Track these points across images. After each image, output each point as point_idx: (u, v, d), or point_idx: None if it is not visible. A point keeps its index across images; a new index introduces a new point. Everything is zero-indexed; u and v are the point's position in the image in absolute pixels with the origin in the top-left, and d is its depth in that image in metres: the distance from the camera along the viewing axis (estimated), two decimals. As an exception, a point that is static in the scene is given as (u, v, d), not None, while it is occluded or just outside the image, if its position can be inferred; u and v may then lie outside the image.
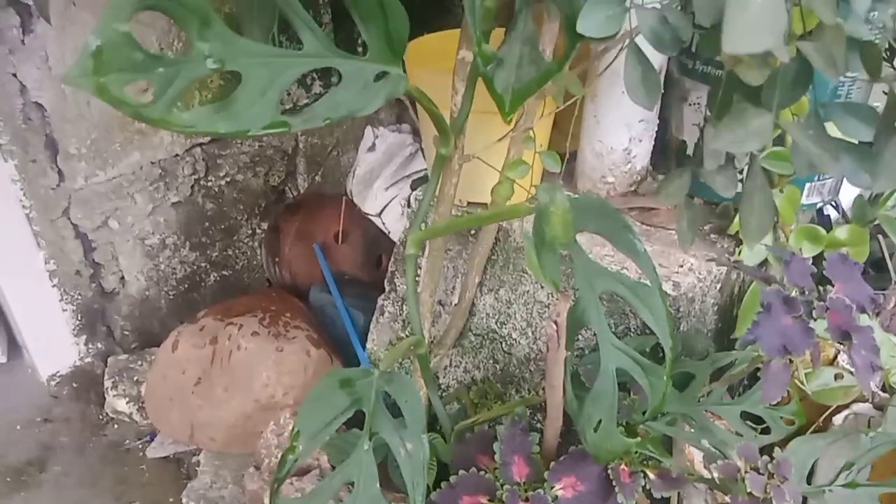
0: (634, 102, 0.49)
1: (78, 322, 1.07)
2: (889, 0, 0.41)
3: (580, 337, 0.82)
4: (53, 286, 1.03)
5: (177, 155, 1.07)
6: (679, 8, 0.47)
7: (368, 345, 1.01)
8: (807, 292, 0.59)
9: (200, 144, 1.10)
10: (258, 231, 1.25)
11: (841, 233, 0.79)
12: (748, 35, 0.26)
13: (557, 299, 0.62)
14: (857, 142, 0.42)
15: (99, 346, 1.11)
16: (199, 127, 0.44)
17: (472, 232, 0.88)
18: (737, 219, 0.82)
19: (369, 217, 1.15)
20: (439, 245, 0.81)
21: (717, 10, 0.40)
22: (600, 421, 0.58)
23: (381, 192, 1.14)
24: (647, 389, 0.59)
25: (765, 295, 0.58)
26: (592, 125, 0.84)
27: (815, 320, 0.59)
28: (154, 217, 1.09)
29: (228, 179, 1.16)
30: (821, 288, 0.61)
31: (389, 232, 1.14)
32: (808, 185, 0.80)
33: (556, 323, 0.62)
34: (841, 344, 0.58)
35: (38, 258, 1.00)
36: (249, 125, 0.46)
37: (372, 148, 1.17)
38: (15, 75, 0.90)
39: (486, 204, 0.81)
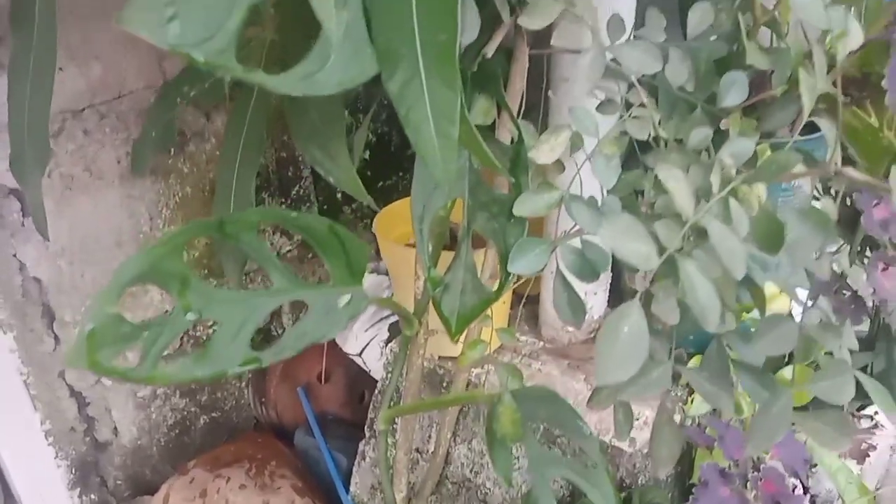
0: (562, 321, 0.56)
1: (72, 476, 1.12)
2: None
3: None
4: (49, 444, 1.08)
5: (166, 311, 1.13)
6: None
7: (352, 488, 1.06)
8: (740, 465, 0.65)
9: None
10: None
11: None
12: (617, 367, 0.33)
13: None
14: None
15: (93, 496, 1.15)
16: (180, 377, 0.50)
17: (444, 385, 0.94)
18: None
19: (350, 356, 1.21)
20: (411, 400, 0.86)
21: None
22: None
23: (361, 332, 1.21)
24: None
25: (702, 471, 0.64)
26: (549, 279, 0.91)
27: (752, 491, 0.65)
28: (145, 369, 1.14)
29: (216, 326, 1.22)
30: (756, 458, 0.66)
31: (370, 371, 1.19)
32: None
33: None
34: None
35: (35, 420, 1.05)
36: (225, 367, 0.52)
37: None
38: (15, 255, 0.97)
39: (455, 357, 0.87)
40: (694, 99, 0.65)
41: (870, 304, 0.66)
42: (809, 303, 0.50)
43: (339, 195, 1.32)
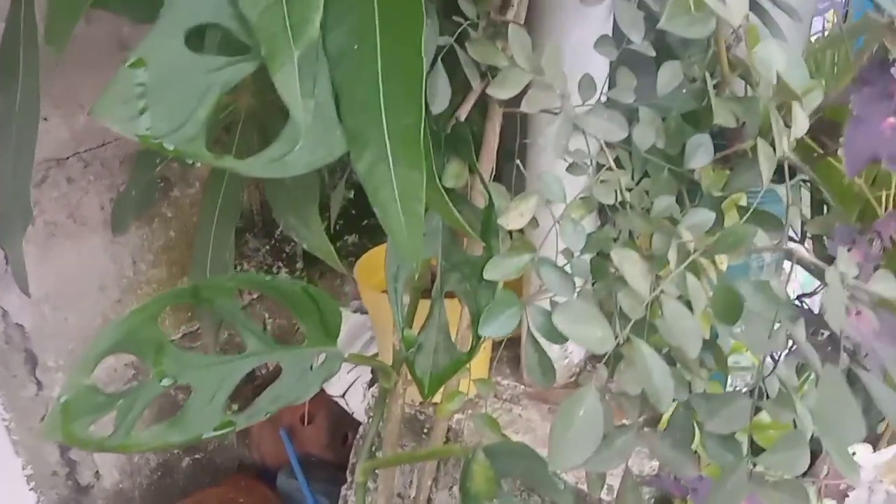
0: (533, 381, 0.57)
1: (54, 520, 1.11)
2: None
3: None
4: (31, 489, 1.07)
5: (140, 379, 1.14)
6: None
7: (335, 532, 1.06)
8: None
9: (171, 341, 1.17)
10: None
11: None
12: (572, 453, 0.34)
13: None
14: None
15: (74, 540, 1.14)
16: (155, 444, 0.51)
17: (425, 430, 0.94)
18: (665, 416, 0.89)
19: (333, 398, 1.21)
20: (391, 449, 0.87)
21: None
22: None
23: (344, 373, 1.21)
24: None
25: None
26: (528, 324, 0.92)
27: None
28: (128, 412, 1.14)
29: (200, 367, 1.22)
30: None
31: (353, 412, 1.20)
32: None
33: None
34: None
35: (16, 464, 1.05)
36: (200, 430, 0.53)
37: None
38: (-3, 302, 0.97)
39: (436, 403, 0.88)
40: (665, 155, 0.67)
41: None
42: (769, 368, 0.51)
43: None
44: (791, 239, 1.06)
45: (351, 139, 0.45)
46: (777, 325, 0.52)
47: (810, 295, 1.11)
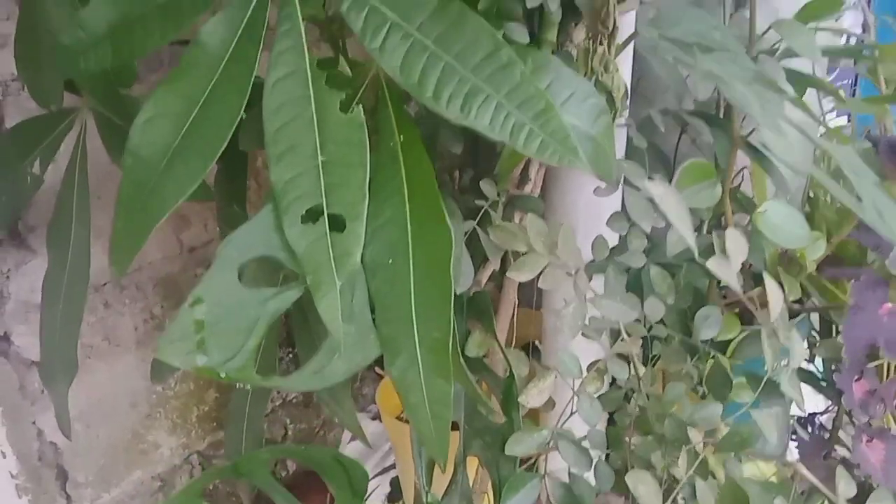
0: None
1: None
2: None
3: None
4: None
5: (175, 465, 1.17)
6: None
7: None
8: None
9: (198, 451, 1.20)
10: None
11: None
12: None
13: None
14: None
15: None
16: None
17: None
18: None
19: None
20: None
21: None
22: None
23: (364, 482, 1.23)
24: None
25: None
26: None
27: None
28: (152, 521, 1.17)
29: (223, 474, 1.25)
30: None
31: (372, 521, 1.21)
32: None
33: None
34: None
35: (43, 579, 1.07)
36: None
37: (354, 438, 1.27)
38: (34, 422, 1.01)
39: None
40: (676, 317, 0.71)
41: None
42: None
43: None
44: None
45: (385, 345, 0.49)
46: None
47: (822, 413, 1.13)
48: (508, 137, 0.43)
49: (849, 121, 1.43)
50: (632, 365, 0.60)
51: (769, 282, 0.55)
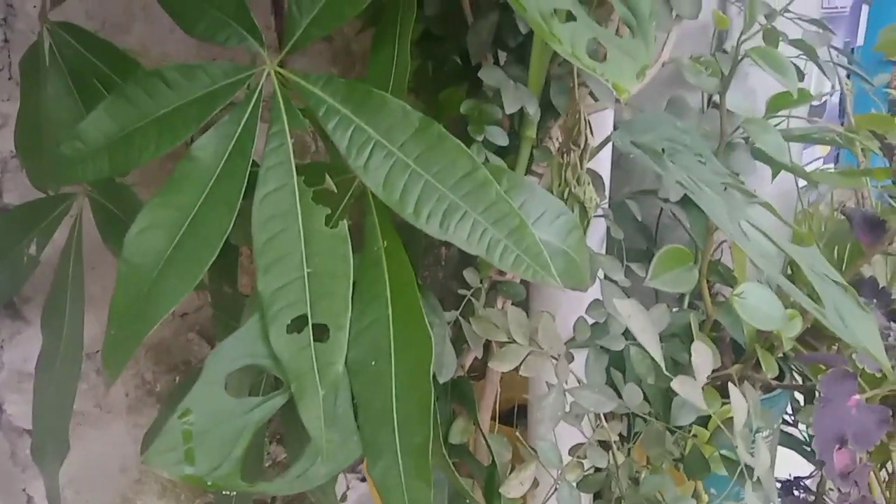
0: None
1: None
2: None
3: None
4: None
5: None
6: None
7: None
8: None
9: (186, 514, 1.20)
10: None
11: None
12: None
13: None
14: None
15: None
16: None
17: None
18: None
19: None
20: None
21: None
22: None
23: (353, 546, 1.24)
24: None
25: None
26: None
27: None
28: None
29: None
30: None
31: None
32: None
33: None
34: None
35: None
36: None
37: (343, 498, 1.28)
38: (24, 490, 1.02)
39: None
40: (657, 401, 0.72)
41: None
42: None
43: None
44: (785, 421, 1.10)
45: (367, 446, 0.50)
46: None
47: (807, 478, 1.14)
48: (485, 252, 0.46)
49: (836, 162, 1.47)
50: (611, 452, 0.62)
51: (734, 392, 0.56)
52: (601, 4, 0.48)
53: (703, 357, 0.57)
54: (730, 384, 0.59)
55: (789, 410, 1.00)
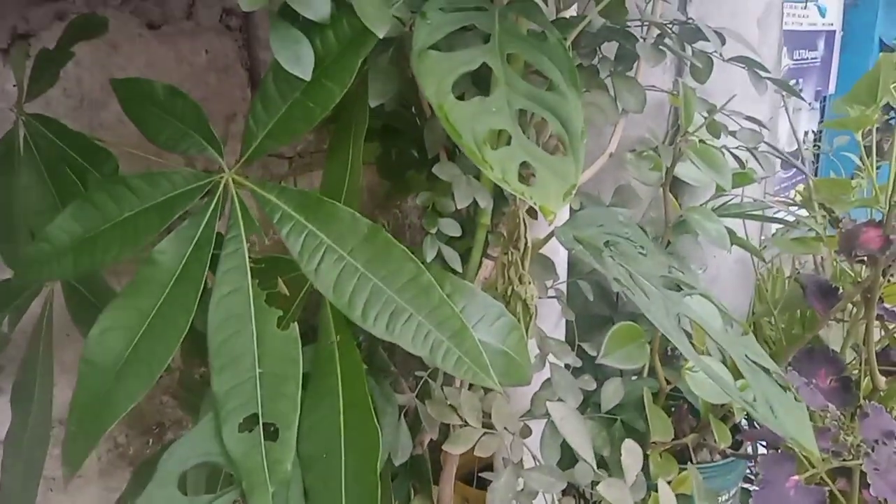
0: None
1: None
2: None
3: None
4: None
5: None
6: None
7: None
8: None
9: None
10: None
11: None
12: None
13: None
14: None
15: None
16: None
17: None
18: None
19: None
20: None
21: None
22: None
23: None
24: None
25: None
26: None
27: None
28: None
29: None
30: None
31: None
32: None
33: None
34: None
35: None
36: None
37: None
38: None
39: None
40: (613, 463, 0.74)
41: None
42: None
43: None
44: (748, 479, 1.12)
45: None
46: None
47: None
48: (428, 354, 0.48)
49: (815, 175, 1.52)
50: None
51: (663, 488, 0.59)
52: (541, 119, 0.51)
53: (634, 457, 0.59)
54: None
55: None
